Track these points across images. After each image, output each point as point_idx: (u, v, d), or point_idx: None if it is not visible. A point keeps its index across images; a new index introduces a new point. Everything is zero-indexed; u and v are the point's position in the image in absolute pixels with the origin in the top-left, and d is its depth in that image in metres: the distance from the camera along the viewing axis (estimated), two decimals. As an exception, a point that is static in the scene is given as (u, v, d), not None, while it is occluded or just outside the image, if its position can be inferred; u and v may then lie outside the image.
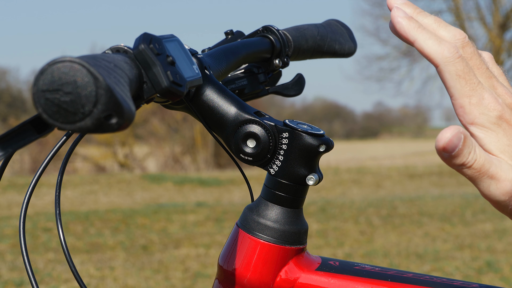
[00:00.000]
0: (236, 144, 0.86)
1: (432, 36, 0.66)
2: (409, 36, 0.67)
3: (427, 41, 0.66)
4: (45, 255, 6.47)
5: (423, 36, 0.67)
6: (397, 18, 0.68)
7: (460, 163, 0.63)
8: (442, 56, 0.65)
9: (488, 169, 0.64)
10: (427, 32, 0.67)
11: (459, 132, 0.62)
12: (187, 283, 5.51)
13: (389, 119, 57.44)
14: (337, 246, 6.93)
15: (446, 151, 0.63)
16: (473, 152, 0.63)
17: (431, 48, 0.66)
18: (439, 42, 0.66)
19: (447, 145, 0.62)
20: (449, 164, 0.64)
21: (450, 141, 0.62)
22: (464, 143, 0.63)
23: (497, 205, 0.66)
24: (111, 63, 0.64)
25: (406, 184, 13.03)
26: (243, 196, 11.04)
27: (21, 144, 0.64)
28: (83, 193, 11.58)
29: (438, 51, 0.65)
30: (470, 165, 0.64)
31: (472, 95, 0.65)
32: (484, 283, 1.92)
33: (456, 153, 0.63)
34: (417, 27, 0.67)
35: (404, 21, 0.67)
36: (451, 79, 0.65)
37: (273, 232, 0.86)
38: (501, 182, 0.64)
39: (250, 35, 1.09)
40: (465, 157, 0.63)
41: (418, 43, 0.67)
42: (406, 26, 0.67)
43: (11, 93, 29.96)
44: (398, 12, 0.68)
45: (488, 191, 0.65)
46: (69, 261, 0.85)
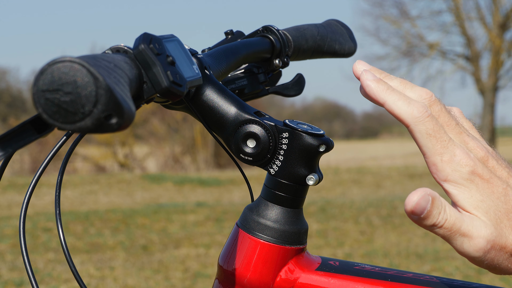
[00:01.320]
0: (236, 144, 0.86)
1: (402, 97, 0.67)
2: (379, 98, 0.68)
3: (397, 102, 0.67)
4: (45, 255, 6.47)
5: (392, 97, 0.68)
6: (366, 81, 0.69)
7: (431, 224, 0.65)
8: (412, 116, 0.66)
9: (459, 228, 0.65)
10: (396, 93, 0.68)
11: (426, 194, 0.64)
12: (187, 283, 5.51)
13: (389, 119, 57.37)
14: (337, 246, 6.93)
15: (414, 214, 0.64)
16: (443, 212, 0.65)
17: (401, 109, 0.67)
18: (408, 102, 0.67)
19: (414, 209, 0.64)
20: (420, 225, 0.65)
21: (417, 204, 0.64)
22: (432, 205, 0.64)
23: (472, 261, 0.67)
24: (111, 63, 0.64)
25: (406, 184, 13.03)
26: (243, 196, 11.04)
27: (21, 144, 0.64)
28: (83, 193, 11.58)
29: (408, 112, 0.66)
30: (441, 225, 0.65)
31: (444, 153, 0.66)
32: (484, 283, 1.92)
33: (425, 215, 0.64)
34: (386, 89, 0.68)
35: (373, 84, 0.69)
36: (422, 138, 0.66)
37: (273, 232, 0.86)
38: (474, 239, 0.65)
39: (250, 35, 1.09)
40: (435, 218, 0.65)
41: (388, 104, 0.68)
42: (375, 88, 0.68)
43: (11, 93, 29.96)
44: (367, 75, 0.69)
45: (462, 248, 0.66)
46: (69, 261, 0.85)
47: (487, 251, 0.65)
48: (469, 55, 23.95)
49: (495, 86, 23.52)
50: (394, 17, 24.24)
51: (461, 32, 23.98)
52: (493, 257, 0.66)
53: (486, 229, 0.65)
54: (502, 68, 23.76)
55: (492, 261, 0.66)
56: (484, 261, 0.66)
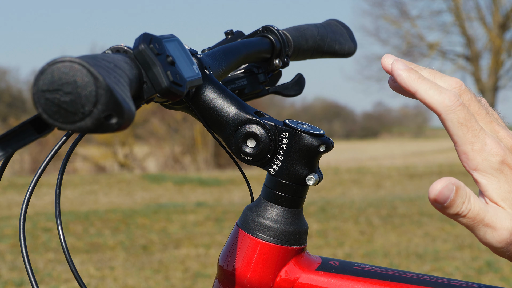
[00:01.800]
0: (236, 144, 0.86)
1: (433, 86, 0.67)
2: (410, 87, 0.68)
3: (428, 91, 0.67)
4: (45, 255, 6.47)
5: (424, 86, 0.68)
6: (397, 70, 0.69)
7: (454, 213, 0.65)
8: (444, 105, 0.66)
9: (483, 218, 0.65)
10: (427, 82, 0.68)
11: (450, 183, 0.64)
12: (187, 283, 5.51)
13: (389, 119, 57.44)
14: (337, 246, 6.93)
15: (437, 202, 0.65)
16: (467, 202, 0.65)
17: (433, 97, 0.67)
18: (440, 91, 0.67)
19: (437, 197, 0.64)
20: (444, 213, 0.66)
21: (440, 193, 0.64)
22: (456, 194, 0.64)
23: (495, 251, 0.67)
24: (111, 63, 0.64)
25: (406, 184, 13.02)
26: (243, 196, 11.04)
27: (21, 144, 0.64)
28: (83, 193, 11.58)
29: (440, 100, 0.66)
30: (464, 215, 0.65)
31: (475, 142, 0.66)
32: (484, 283, 1.92)
33: (448, 204, 0.65)
34: (417, 78, 0.68)
35: (404, 73, 0.69)
36: (453, 127, 0.66)
37: (273, 232, 0.86)
38: (497, 231, 0.65)
39: (250, 35, 1.09)
40: (458, 207, 0.65)
41: (419, 93, 0.68)
42: (407, 77, 0.68)
43: (11, 93, 29.96)
44: (398, 65, 0.69)
45: (485, 238, 0.66)
46: (69, 261, 0.85)
47: (510, 243, 0.66)
48: (469, 55, 23.95)
49: (495, 86, 23.52)
50: (394, 17, 24.24)
51: (461, 32, 23.99)
52: None
53: (511, 221, 0.65)
54: (502, 68, 23.76)
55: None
56: (506, 252, 0.66)
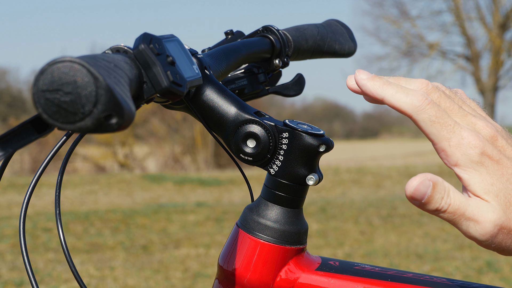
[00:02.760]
0: (236, 144, 0.86)
1: (399, 89, 0.67)
2: (376, 94, 0.68)
3: (395, 95, 0.67)
4: (45, 255, 6.47)
5: (390, 91, 0.67)
6: (361, 81, 0.69)
7: (433, 209, 0.65)
8: (413, 106, 0.66)
9: (464, 212, 0.65)
10: (393, 86, 0.67)
11: (427, 180, 0.64)
12: (187, 283, 5.51)
13: (389, 119, 57.42)
14: (337, 246, 6.93)
15: (414, 199, 0.64)
16: (446, 197, 0.64)
17: (400, 101, 0.67)
18: (407, 93, 0.66)
19: (413, 194, 0.64)
20: (423, 210, 0.65)
21: (416, 190, 0.64)
22: (434, 190, 0.64)
23: (480, 244, 0.67)
24: (111, 63, 0.64)
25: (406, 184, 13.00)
26: (243, 196, 11.04)
27: (21, 144, 0.64)
28: (83, 193, 11.58)
29: (408, 102, 0.66)
30: (444, 210, 0.65)
31: (451, 137, 0.65)
32: (484, 283, 1.92)
33: (426, 200, 0.64)
34: (382, 84, 0.68)
35: (368, 83, 0.68)
36: (426, 126, 0.66)
37: (273, 232, 0.86)
38: (480, 224, 0.65)
39: (250, 35, 1.09)
40: (437, 203, 0.64)
41: (387, 99, 0.67)
42: (372, 86, 0.68)
43: (11, 93, 29.97)
44: (361, 75, 0.69)
45: (468, 232, 0.66)
46: (69, 261, 0.85)
47: (494, 235, 0.65)
48: (469, 55, 23.95)
49: (495, 86, 23.52)
50: (394, 17, 24.24)
51: (461, 32, 23.99)
52: (501, 240, 0.66)
53: (494, 213, 0.65)
54: (502, 68, 23.76)
55: (500, 244, 0.66)
56: (491, 244, 0.66)
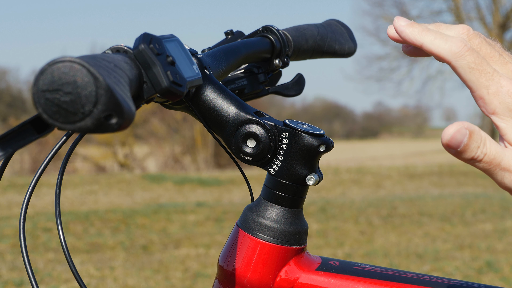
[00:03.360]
0: (236, 144, 0.86)
1: (438, 35, 0.67)
2: (415, 41, 0.68)
3: (434, 41, 0.66)
4: (45, 255, 6.47)
5: (429, 37, 0.67)
6: (400, 27, 0.69)
7: (469, 157, 0.64)
8: (452, 52, 0.65)
9: (499, 162, 0.64)
10: (432, 32, 0.67)
11: (463, 128, 0.62)
12: (187, 283, 5.51)
13: (389, 119, 57.46)
14: (337, 246, 6.93)
15: (450, 147, 0.63)
16: (482, 146, 0.63)
17: (439, 47, 0.66)
18: (446, 39, 0.66)
19: (449, 142, 0.63)
20: (459, 158, 0.64)
21: (452, 138, 0.63)
22: (470, 138, 0.63)
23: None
24: (111, 63, 0.64)
25: (406, 184, 13.02)
26: (243, 196, 11.04)
27: (21, 144, 0.64)
28: (83, 193, 11.57)
29: (446, 48, 0.66)
30: (480, 159, 0.64)
31: (490, 85, 0.65)
32: (484, 283, 1.92)
33: (462, 148, 0.63)
34: (421, 31, 0.67)
35: (407, 29, 0.68)
36: (465, 73, 0.65)
37: (273, 232, 0.86)
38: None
39: (250, 35, 1.09)
40: (473, 151, 0.63)
41: (426, 45, 0.67)
42: (410, 32, 0.68)
43: (11, 93, 29.97)
44: (400, 21, 0.69)
45: (503, 183, 0.65)
46: (69, 261, 0.85)
47: None
48: (469, 55, 23.94)
49: (495, 86, 23.51)
50: (394, 17, 24.23)
51: (461, 32, 23.97)
52: None
53: None
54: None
55: None
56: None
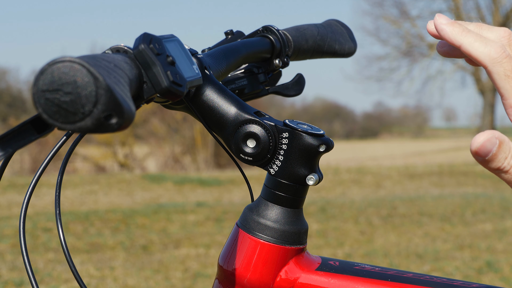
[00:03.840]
0: (236, 144, 0.86)
1: (478, 38, 0.66)
2: (454, 41, 0.67)
3: (473, 43, 0.66)
4: (45, 255, 6.47)
5: (469, 39, 0.66)
6: (440, 25, 0.68)
7: (495, 167, 0.63)
8: (489, 57, 0.65)
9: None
10: (472, 34, 0.66)
11: (494, 137, 0.62)
12: (187, 283, 5.51)
13: (389, 119, 57.46)
14: (337, 246, 6.93)
15: (478, 155, 0.63)
16: (510, 158, 0.63)
17: (478, 50, 0.66)
18: (485, 43, 0.65)
19: (479, 150, 0.62)
20: (485, 167, 0.64)
21: (482, 146, 0.62)
22: (499, 148, 0.63)
23: None
24: (111, 63, 0.64)
25: (406, 184, 13.02)
26: (243, 196, 11.04)
27: (21, 144, 0.64)
28: (83, 193, 11.57)
29: (485, 53, 0.65)
30: (506, 170, 0.64)
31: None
32: (484, 283, 1.92)
33: (490, 157, 0.63)
34: (461, 31, 0.67)
35: (448, 27, 0.67)
36: (500, 80, 0.65)
37: (273, 232, 0.86)
38: None
39: (250, 35, 1.09)
40: (500, 162, 0.63)
41: (464, 46, 0.66)
42: (451, 31, 0.67)
43: (11, 93, 29.97)
44: (441, 19, 0.68)
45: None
46: (69, 261, 0.85)
47: None
48: (469, 55, 23.93)
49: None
50: (394, 17, 24.24)
51: (461, 32, 23.96)
52: None
53: None
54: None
55: None
56: None
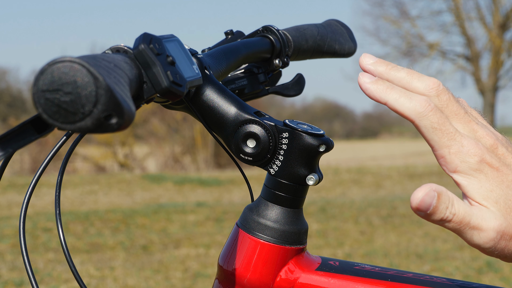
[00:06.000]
0: (236, 144, 0.86)
1: (402, 94, 0.67)
2: (380, 99, 0.68)
3: (398, 100, 0.67)
4: (45, 255, 6.47)
5: (393, 95, 0.67)
6: (364, 85, 0.69)
7: (438, 219, 0.65)
8: (415, 112, 0.66)
9: (469, 221, 0.65)
10: (396, 91, 0.67)
11: (431, 190, 0.64)
12: (187, 283, 5.51)
13: (389, 119, 57.43)
14: (337, 246, 6.93)
15: (420, 210, 0.64)
16: (451, 207, 0.65)
17: (403, 105, 0.67)
18: (410, 98, 0.66)
19: (419, 206, 0.64)
20: (429, 221, 0.65)
21: (422, 201, 0.64)
22: (438, 200, 0.64)
23: (483, 251, 0.67)
24: (111, 63, 0.64)
25: (406, 184, 13.02)
26: (243, 196, 11.04)
27: (21, 144, 0.64)
28: (83, 193, 11.57)
29: (411, 108, 0.66)
30: (449, 220, 0.65)
31: (451, 145, 0.66)
32: (484, 283, 1.92)
33: (431, 211, 0.64)
34: (385, 89, 0.68)
35: (371, 86, 0.68)
36: (427, 132, 0.66)
37: (273, 232, 0.86)
38: (483, 232, 0.65)
39: (250, 35, 1.09)
40: (442, 213, 0.64)
41: (390, 104, 0.67)
42: (375, 90, 0.68)
43: (11, 93, 29.97)
44: (364, 78, 0.69)
45: (472, 240, 0.66)
46: (69, 261, 0.85)
47: (497, 242, 0.65)
48: (469, 55, 23.95)
49: (495, 86, 23.52)
50: (394, 17, 24.24)
51: (461, 32, 23.98)
52: (504, 246, 0.66)
53: (496, 220, 0.65)
54: (502, 68, 23.75)
55: (503, 250, 0.66)
56: (494, 251, 0.66)
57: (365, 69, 0.70)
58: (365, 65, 0.71)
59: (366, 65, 0.71)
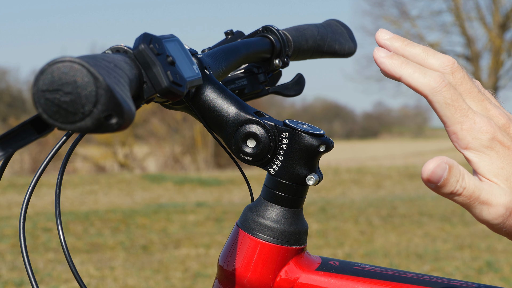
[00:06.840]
0: (236, 144, 0.86)
1: (417, 69, 0.67)
2: (394, 73, 0.68)
3: (413, 75, 0.67)
4: (45, 255, 6.47)
5: (408, 70, 0.68)
6: (379, 59, 0.69)
7: (449, 192, 0.65)
8: (429, 87, 0.66)
9: (478, 196, 0.65)
10: (411, 66, 0.68)
11: (443, 162, 0.64)
12: (187, 283, 5.51)
13: (389, 119, 57.45)
14: (337, 246, 6.93)
15: (430, 182, 0.64)
16: (461, 180, 0.65)
17: (417, 81, 0.67)
18: (425, 73, 0.67)
19: (430, 177, 0.64)
20: (438, 193, 0.65)
21: (433, 173, 0.64)
22: (449, 173, 0.64)
23: (491, 228, 0.67)
24: (111, 63, 0.64)
25: (406, 184, 13.03)
26: (243, 196, 11.04)
27: (21, 144, 0.64)
28: (83, 193, 11.57)
29: (425, 83, 0.67)
30: (459, 193, 0.65)
31: (464, 121, 0.66)
32: (484, 283, 1.92)
33: (442, 183, 0.64)
34: (400, 63, 0.68)
35: (386, 61, 0.69)
36: (440, 108, 0.66)
37: (273, 232, 0.86)
38: (493, 207, 0.65)
39: (250, 35, 1.09)
40: (452, 186, 0.65)
41: (404, 78, 0.68)
42: (389, 65, 0.68)
43: (11, 93, 29.97)
44: (379, 53, 0.69)
45: (481, 216, 0.66)
46: (69, 261, 0.85)
47: (506, 218, 0.66)
48: (469, 55, 23.95)
49: (495, 86, 23.52)
50: (394, 17, 24.24)
51: (461, 32, 23.98)
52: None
53: (506, 196, 0.65)
54: (502, 68, 23.75)
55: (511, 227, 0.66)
56: (503, 228, 0.66)
57: (381, 44, 0.71)
58: (381, 40, 0.71)
59: (382, 40, 0.71)
